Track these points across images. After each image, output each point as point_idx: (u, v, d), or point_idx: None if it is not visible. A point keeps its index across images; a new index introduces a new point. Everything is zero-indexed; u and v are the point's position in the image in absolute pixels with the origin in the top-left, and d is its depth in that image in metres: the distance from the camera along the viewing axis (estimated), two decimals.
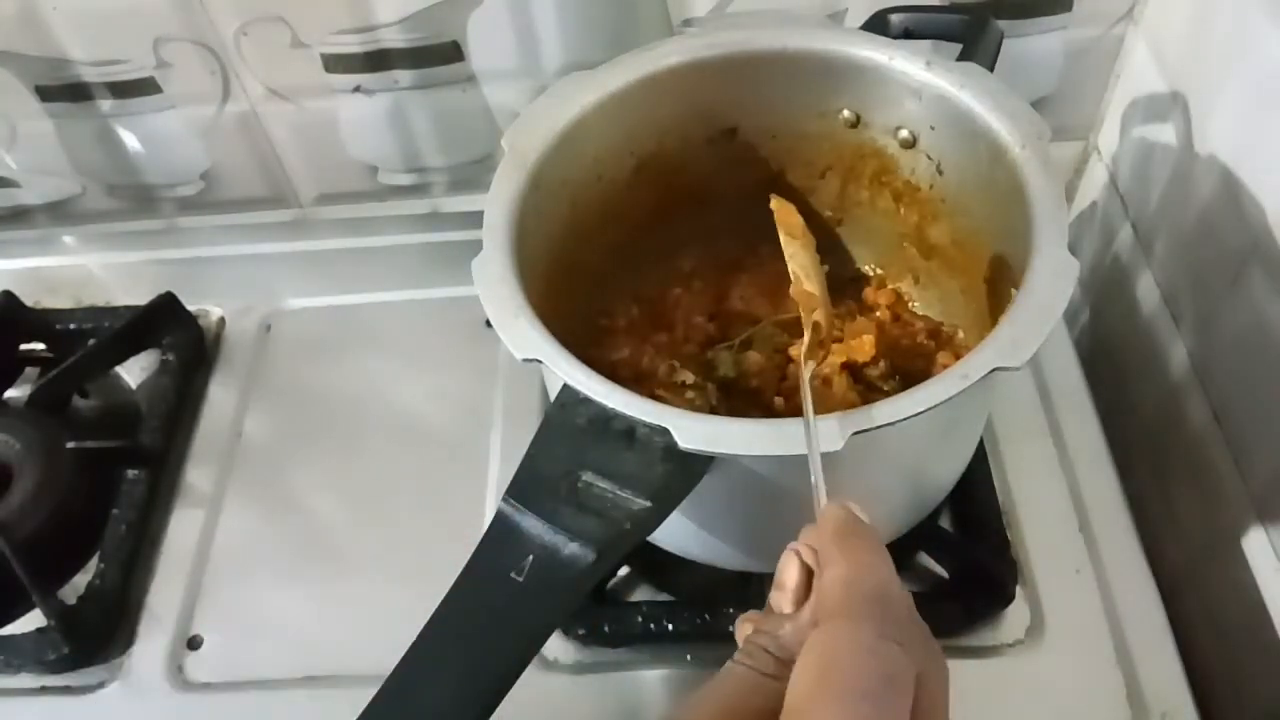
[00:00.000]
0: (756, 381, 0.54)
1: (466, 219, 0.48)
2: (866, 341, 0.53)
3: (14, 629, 0.56)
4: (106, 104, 0.64)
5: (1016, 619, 0.53)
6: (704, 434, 0.37)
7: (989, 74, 0.48)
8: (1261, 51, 0.48)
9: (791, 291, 0.43)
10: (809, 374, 0.39)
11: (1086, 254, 0.70)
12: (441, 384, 0.66)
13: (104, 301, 0.72)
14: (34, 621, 0.55)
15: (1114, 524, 0.56)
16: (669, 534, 0.47)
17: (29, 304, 0.69)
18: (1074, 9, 0.60)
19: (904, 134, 0.51)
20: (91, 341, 0.66)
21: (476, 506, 0.59)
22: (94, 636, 0.55)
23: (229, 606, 0.57)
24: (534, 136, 0.48)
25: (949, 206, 0.52)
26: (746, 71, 0.52)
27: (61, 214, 0.72)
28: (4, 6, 0.58)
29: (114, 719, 0.54)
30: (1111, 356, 0.66)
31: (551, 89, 0.50)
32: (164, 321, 0.68)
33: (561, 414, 0.39)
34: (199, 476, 0.63)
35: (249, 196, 0.71)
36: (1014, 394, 0.61)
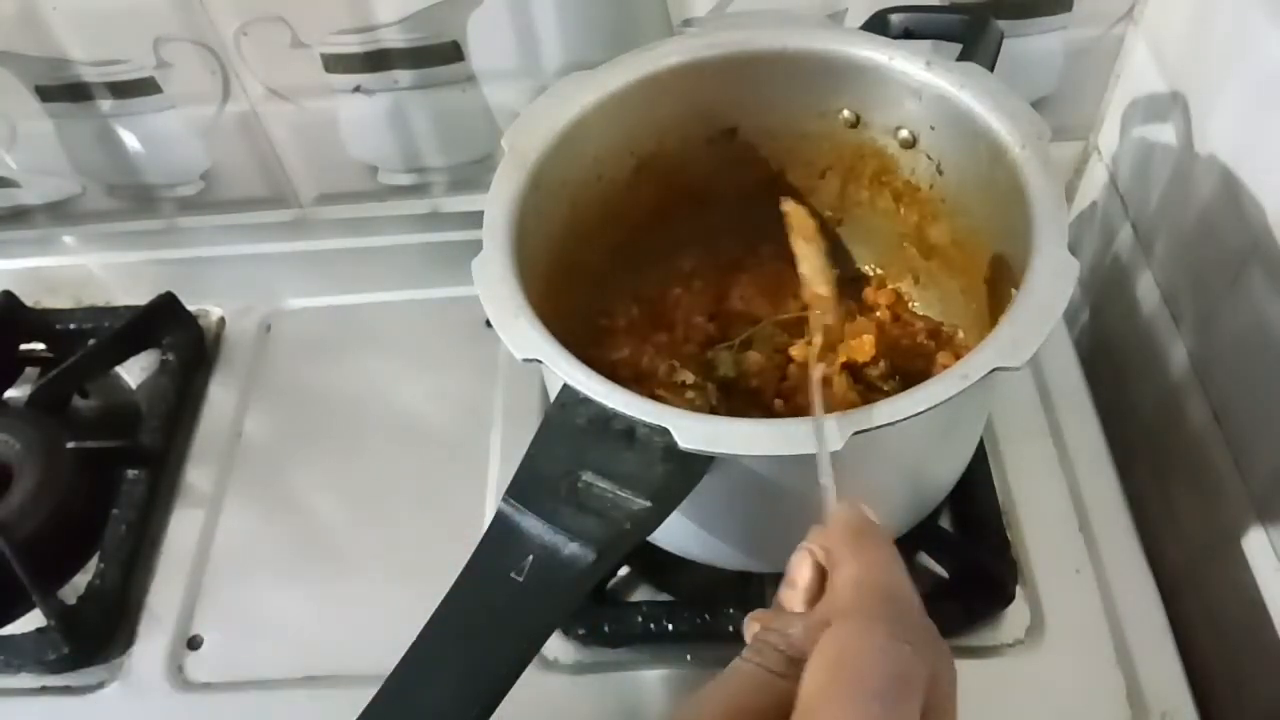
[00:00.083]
0: (756, 381, 0.54)
1: (466, 219, 0.48)
2: (866, 341, 0.53)
3: (14, 629, 0.56)
4: (106, 104, 0.64)
5: (1016, 619, 0.53)
6: (704, 434, 0.37)
7: (989, 74, 0.48)
8: (1261, 51, 0.48)
9: (803, 295, 0.43)
10: (819, 375, 0.40)
11: (1086, 254, 0.70)
12: (441, 384, 0.65)
13: (104, 301, 0.72)
14: (34, 621, 0.55)
15: (1114, 524, 0.56)
16: (669, 534, 0.47)
17: (29, 304, 0.69)
18: (1074, 9, 0.60)
19: (904, 134, 0.51)
20: (91, 341, 0.66)
21: (476, 506, 0.59)
22: (94, 636, 0.55)
23: (229, 606, 0.57)
24: (534, 136, 0.48)
25: (949, 206, 0.52)
26: (746, 71, 0.52)
27: (61, 214, 0.72)
28: (4, 6, 0.58)
29: (114, 719, 0.54)
30: (1111, 356, 0.66)
31: (551, 89, 0.50)
32: (164, 321, 0.68)
33: (561, 414, 0.39)
34: (199, 476, 0.63)
35: (249, 196, 0.71)
36: (1014, 394, 0.61)
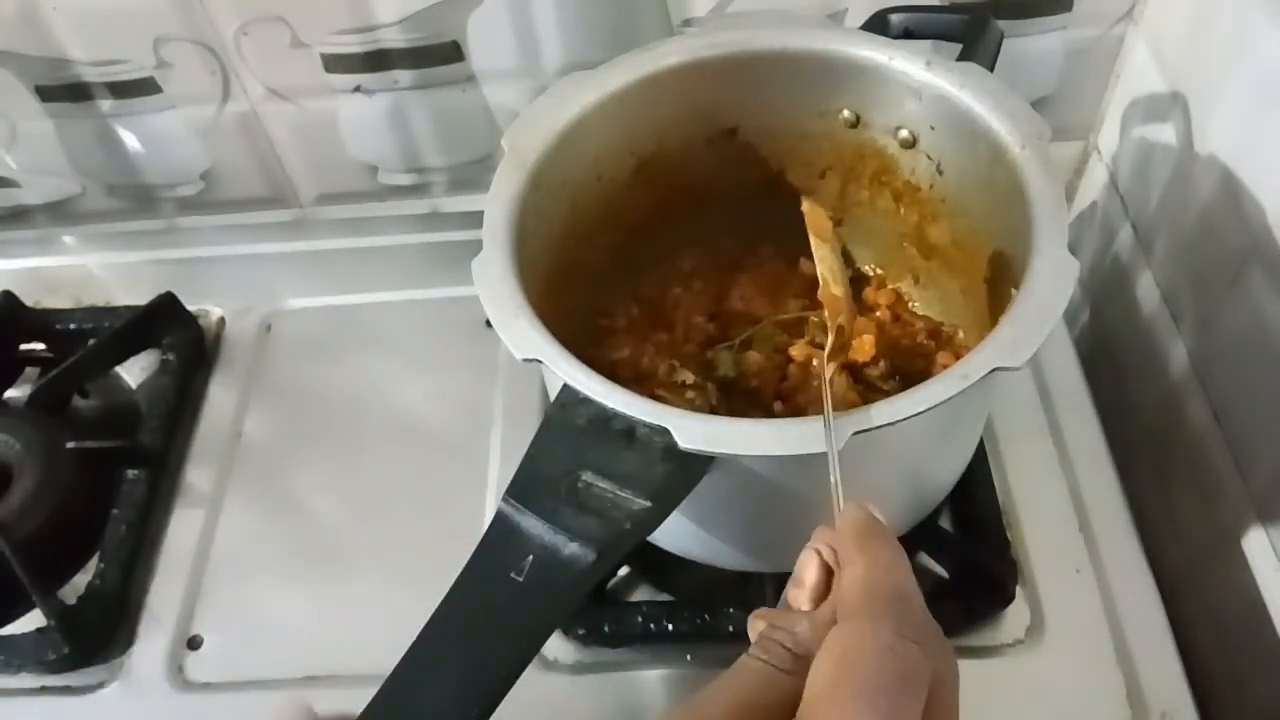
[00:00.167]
0: (756, 381, 0.54)
1: (466, 219, 0.48)
2: (866, 341, 0.53)
3: (14, 629, 0.56)
4: (106, 104, 0.64)
5: (1016, 619, 0.53)
6: (704, 434, 0.37)
7: (989, 74, 0.48)
8: (1261, 51, 0.48)
9: (820, 295, 0.43)
10: (831, 373, 0.40)
11: (1086, 254, 0.70)
12: (441, 384, 0.65)
13: (104, 301, 0.72)
14: (34, 621, 0.55)
15: (1114, 524, 0.56)
16: (669, 534, 0.47)
17: (29, 304, 0.69)
18: (1074, 9, 0.60)
19: (904, 134, 0.51)
20: (91, 341, 0.66)
21: (476, 506, 0.59)
22: (94, 636, 0.55)
23: (229, 606, 0.57)
24: (534, 136, 0.48)
25: (949, 206, 0.52)
26: (746, 71, 0.52)
27: (61, 214, 0.72)
28: (4, 6, 0.58)
29: (114, 719, 0.54)
30: (1111, 356, 0.66)
31: (551, 89, 0.50)
32: (164, 321, 0.68)
33: (561, 414, 0.39)
34: (199, 476, 0.63)
35: (249, 196, 0.71)
36: (1014, 394, 0.61)
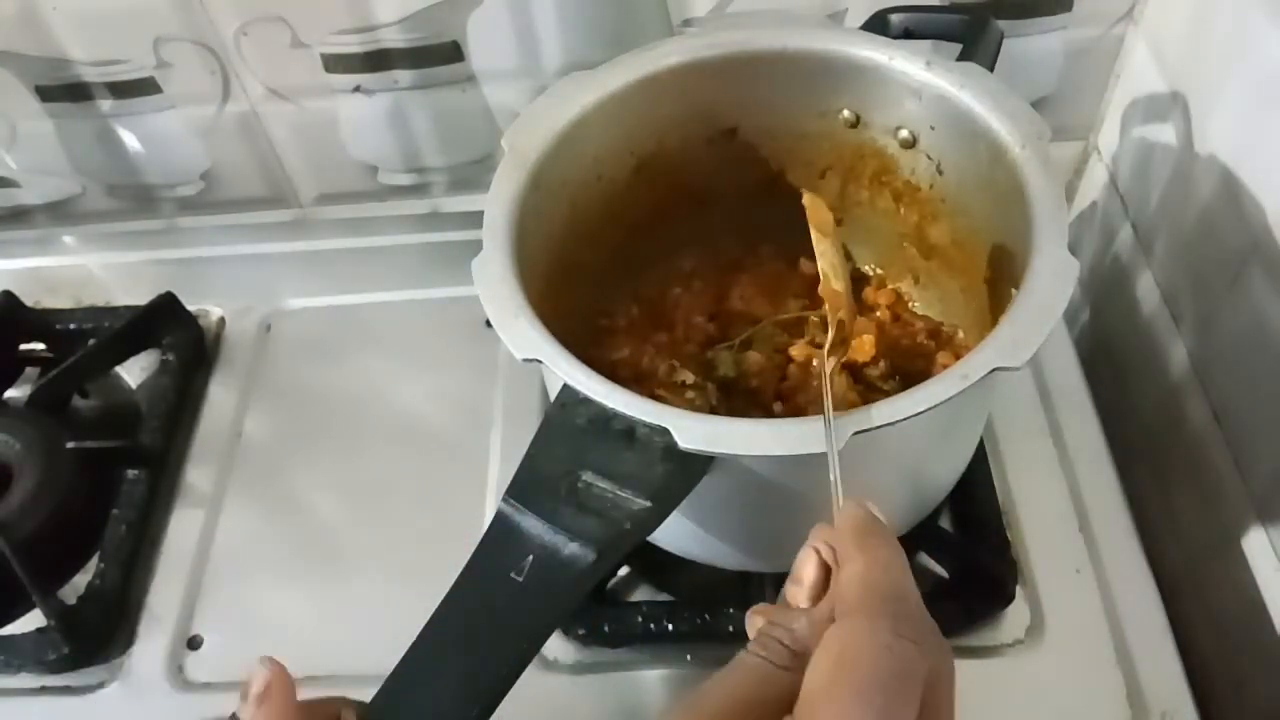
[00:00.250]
0: (756, 381, 0.54)
1: (466, 219, 0.48)
2: (866, 341, 0.53)
3: (14, 629, 0.56)
4: (106, 104, 0.64)
5: (1016, 619, 0.53)
6: (704, 434, 0.37)
7: (989, 74, 0.48)
8: (1261, 51, 0.48)
9: (820, 290, 0.43)
10: (832, 368, 0.40)
11: (1086, 254, 0.70)
12: (441, 384, 0.65)
13: (104, 301, 0.72)
14: (34, 621, 0.55)
15: (1114, 524, 0.56)
16: (669, 534, 0.47)
17: (29, 304, 0.69)
18: (1074, 9, 0.60)
19: (904, 134, 0.51)
20: (91, 341, 0.66)
21: (476, 506, 0.59)
22: (94, 636, 0.55)
23: (229, 606, 0.57)
24: (534, 136, 0.48)
25: (949, 206, 0.52)
26: (746, 71, 0.52)
27: (61, 214, 0.72)
28: (4, 6, 0.58)
29: (114, 719, 0.54)
30: (1111, 356, 0.66)
31: (551, 89, 0.50)
32: (164, 321, 0.68)
33: (561, 414, 0.39)
34: (199, 476, 0.63)
35: (249, 196, 0.71)
36: (1014, 394, 0.61)
